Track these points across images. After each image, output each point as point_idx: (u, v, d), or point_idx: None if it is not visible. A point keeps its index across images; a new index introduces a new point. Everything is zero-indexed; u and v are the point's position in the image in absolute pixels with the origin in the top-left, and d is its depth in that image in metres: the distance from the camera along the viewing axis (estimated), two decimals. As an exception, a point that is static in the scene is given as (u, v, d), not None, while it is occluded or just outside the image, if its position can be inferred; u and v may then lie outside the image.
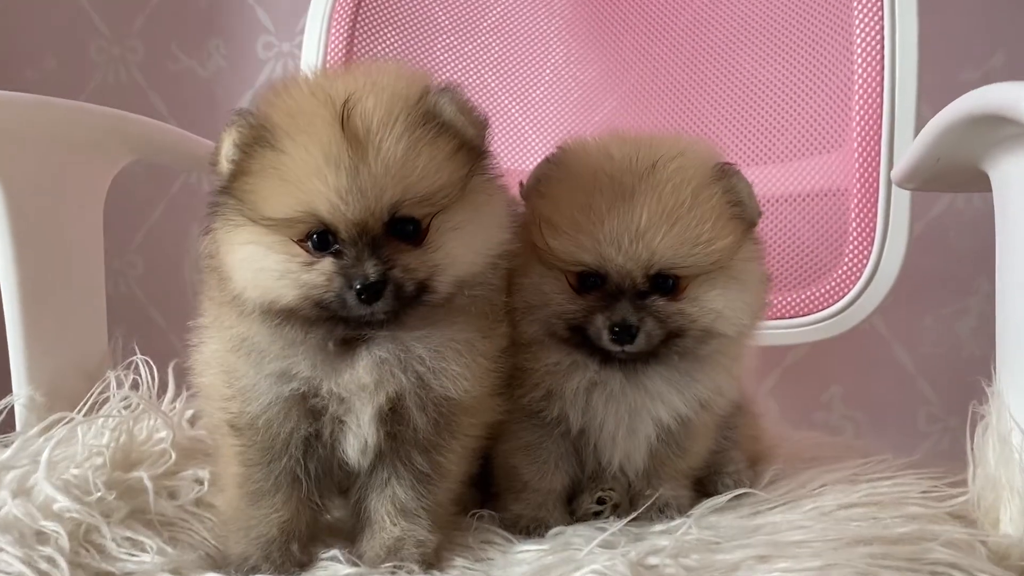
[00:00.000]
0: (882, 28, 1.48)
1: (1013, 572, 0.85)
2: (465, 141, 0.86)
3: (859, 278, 1.54)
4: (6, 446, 1.10)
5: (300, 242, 0.83)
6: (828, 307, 1.57)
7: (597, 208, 0.94)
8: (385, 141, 0.80)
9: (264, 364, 0.88)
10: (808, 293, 1.57)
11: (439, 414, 0.91)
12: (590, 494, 1.06)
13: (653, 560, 0.85)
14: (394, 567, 0.86)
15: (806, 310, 1.58)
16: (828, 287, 1.57)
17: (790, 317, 1.57)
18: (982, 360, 2.10)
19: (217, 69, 2.32)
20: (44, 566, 0.81)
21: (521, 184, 1.05)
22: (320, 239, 0.82)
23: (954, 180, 1.12)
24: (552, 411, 1.03)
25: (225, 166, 0.85)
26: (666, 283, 0.96)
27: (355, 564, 0.88)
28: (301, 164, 0.80)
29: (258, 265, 0.84)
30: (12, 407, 1.20)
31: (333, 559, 0.89)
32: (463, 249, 0.86)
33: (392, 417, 0.90)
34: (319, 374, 0.87)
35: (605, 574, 0.78)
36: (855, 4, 1.50)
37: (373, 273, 0.81)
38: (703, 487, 1.11)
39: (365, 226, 0.81)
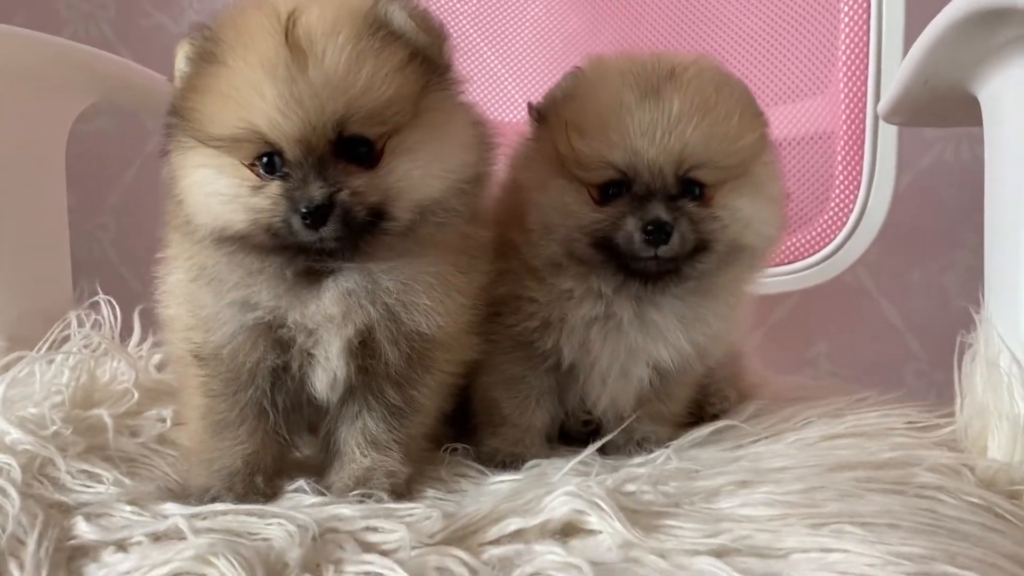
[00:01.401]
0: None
1: (1001, 495, 0.83)
2: (417, 51, 0.80)
3: (845, 223, 1.52)
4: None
5: (251, 166, 0.79)
6: (814, 254, 1.55)
7: (627, 103, 0.90)
8: (327, 51, 0.75)
9: (224, 293, 0.84)
10: (794, 240, 1.55)
11: (412, 349, 0.87)
12: (580, 408, 1.05)
13: (630, 487, 0.82)
14: (362, 495, 0.83)
15: (792, 257, 1.56)
16: (814, 233, 1.54)
17: (776, 265, 1.54)
18: (970, 314, 2.09)
19: (190, 25, 2.25)
20: (-6, 495, 0.77)
21: (530, 105, 1.01)
22: (269, 161, 0.78)
23: (942, 109, 1.09)
24: (545, 343, 0.99)
25: (178, 81, 0.82)
26: (693, 190, 0.93)
27: (321, 494, 0.84)
28: (241, 77, 0.76)
29: (208, 189, 0.80)
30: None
31: (299, 490, 0.85)
32: (420, 171, 0.80)
33: (363, 351, 0.86)
34: (283, 304, 0.84)
35: (579, 495, 0.75)
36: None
37: (318, 195, 0.76)
38: (691, 410, 1.09)
39: (309, 144, 0.76)
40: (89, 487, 0.83)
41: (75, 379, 1.02)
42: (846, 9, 1.45)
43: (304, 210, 0.76)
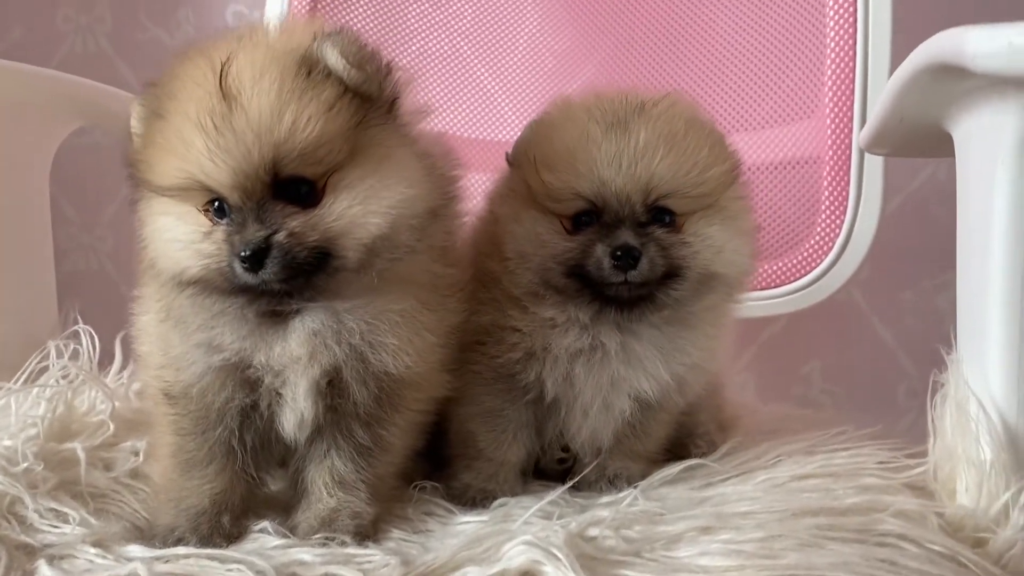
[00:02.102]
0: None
1: (966, 543, 0.82)
2: (349, 88, 0.80)
3: (831, 248, 1.51)
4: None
5: (206, 212, 0.81)
6: (801, 277, 1.54)
7: (593, 135, 0.92)
8: (252, 97, 0.76)
9: (190, 334, 0.85)
10: (781, 264, 1.54)
11: (381, 388, 0.88)
12: (556, 443, 1.06)
13: (593, 531, 0.82)
14: (325, 538, 0.83)
15: (779, 281, 1.55)
16: (801, 257, 1.54)
17: (764, 288, 1.54)
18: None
19: (186, 38, 2.27)
20: (-41, 537, 0.78)
21: (507, 155, 1.03)
22: (219, 207, 0.80)
23: (921, 143, 1.09)
24: (528, 375, 0.99)
25: (134, 139, 0.84)
26: (663, 218, 0.94)
27: (285, 536, 0.85)
28: (175, 130, 0.78)
29: (167, 235, 0.82)
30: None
31: (263, 531, 0.86)
32: (358, 208, 0.80)
33: (331, 391, 0.87)
34: (248, 345, 0.84)
35: (537, 545, 0.75)
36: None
37: (254, 239, 0.76)
38: (675, 451, 1.09)
39: (245, 189, 0.77)
40: (56, 527, 0.84)
41: (51, 410, 1.03)
42: (832, 35, 1.45)
43: (242, 254, 0.77)
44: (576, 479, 0.96)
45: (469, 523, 0.90)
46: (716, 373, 1.22)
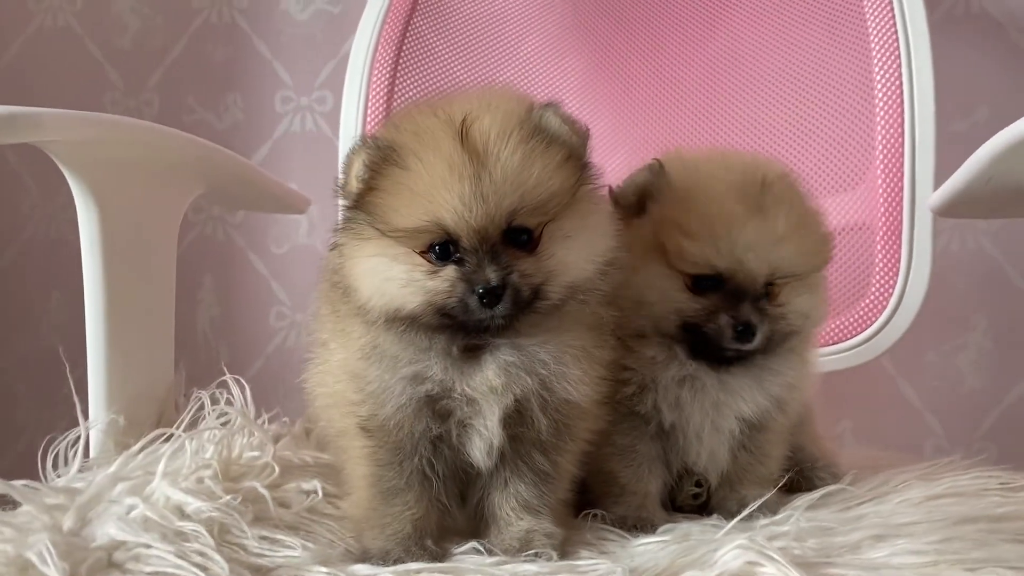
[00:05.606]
0: (899, 70, 1.61)
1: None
2: (572, 151, 0.92)
3: (884, 308, 1.63)
4: (81, 471, 1.12)
5: (423, 253, 0.89)
6: (854, 336, 1.66)
7: (737, 216, 1.02)
8: (503, 152, 0.87)
9: (398, 368, 0.93)
10: (835, 323, 1.66)
11: (558, 417, 0.97)
12: (688, 479, 1.14)
13: (779, 543, 0.89)
14: (534, 554, 0.90)
15: (833, 339, 1.67)
16: (855, 317, 1.65)
17: (820, 346, 1.65)
18: (982, 392, 2.21)
19: (234, 122, 2.36)
20: (198, 559, 0.82)
21: (611, 189, 1.11)
22: (442, 249, 0.89)
23: (995, 202, 1.23)
24: (645, 405, 1.09)
25: (355, 185, 0.92)
26: (767, 288, 1.06)
27: (495, 554, 0.90)
28: (428, 178, 0.87)
29: (384, 275, 0.90)
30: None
31: (471, 550, 0.91)
32: (574, 256, 0.92)
33: (516, 419, 0.95)
34: (450, 377, 0.93)
35: (750, 547, 0.82)
36: (872, 45, 1.64)
37: (494, 277, 0.87)
38: (798, 485, 1.17)
39: (485, 234, 0.87)
40: (276, 551, 0.88)
41: (218, 454, 1.07)
42: (881, 111, 1.61)
43: (481, 291, 0.86)
44: (752, 507, 1.01)
45: (650, 543, 0.96)
46: (809, 404, 1.31)
